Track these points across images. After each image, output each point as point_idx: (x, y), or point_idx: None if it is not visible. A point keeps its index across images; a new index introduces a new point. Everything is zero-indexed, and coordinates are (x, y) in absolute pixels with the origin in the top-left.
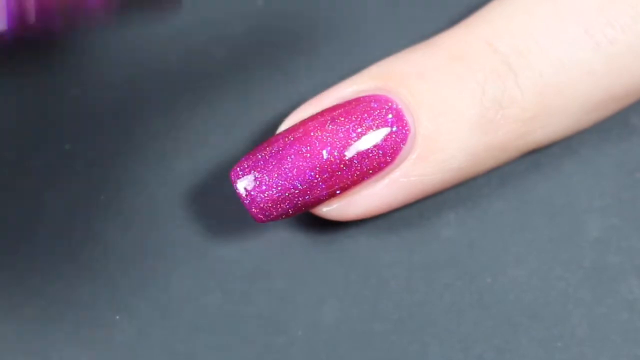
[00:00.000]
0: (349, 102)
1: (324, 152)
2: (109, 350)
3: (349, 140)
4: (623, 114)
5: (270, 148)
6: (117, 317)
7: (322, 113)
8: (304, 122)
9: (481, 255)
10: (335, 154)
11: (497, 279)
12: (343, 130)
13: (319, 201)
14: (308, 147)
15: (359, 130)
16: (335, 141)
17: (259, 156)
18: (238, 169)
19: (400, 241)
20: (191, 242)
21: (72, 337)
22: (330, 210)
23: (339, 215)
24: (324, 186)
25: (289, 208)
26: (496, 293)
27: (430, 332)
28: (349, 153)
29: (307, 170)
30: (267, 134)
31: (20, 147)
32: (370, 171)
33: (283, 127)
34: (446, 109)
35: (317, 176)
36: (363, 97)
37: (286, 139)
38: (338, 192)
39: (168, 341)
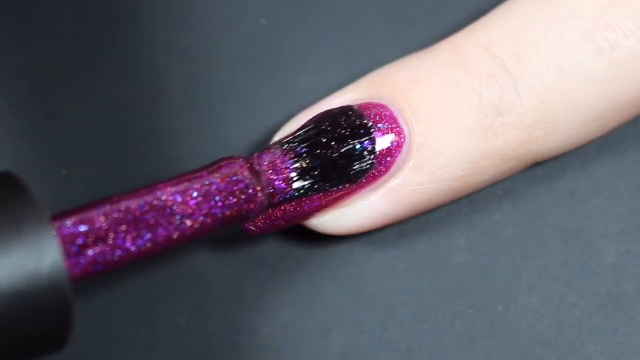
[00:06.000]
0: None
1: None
2: None
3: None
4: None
5: None
6: (117, 348)
7: (284, 138)
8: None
9: (493, 282)
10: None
11: (509, 307)
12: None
13: (313, 212)
14: None
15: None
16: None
17: None
18: None
19: (409, 268)
20: (192, 270)
21: None
22: (325, 222)
23: (335, 227)
24: (317, 196)
25: (282, 219)
26: (508, 321)
27: None
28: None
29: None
30: None
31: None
32: (365, 180)
33: (278, 136)
34: (442, 115)
35: None
36: (358, 105)
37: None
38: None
39: None
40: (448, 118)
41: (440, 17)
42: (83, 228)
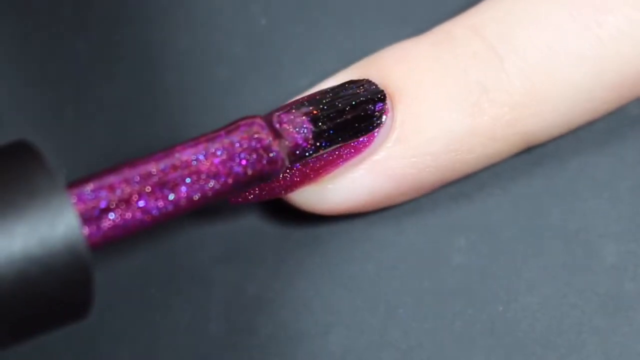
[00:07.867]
0: (327, 88)
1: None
2: None
3: None
4: None
5: None
6: (118, 348)
7: (299, 99)
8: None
9: (493, 282)
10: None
11: (509, 307)
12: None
13: (295, 184)
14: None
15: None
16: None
17: None
18: None
19: (409, 267)
20: (192, 270)
21: None
22: (307, 198)
23: (318, 203)
24: (298, 165)
25: (263, 190)
26: (508, 321)
27: None
28: None
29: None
30: None
31: None
32: (346, 151)
33: None
34: (427, 91)
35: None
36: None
37: None
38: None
39: None
40: (432, 93)
41: (441, 17)
42: (103, 192)
